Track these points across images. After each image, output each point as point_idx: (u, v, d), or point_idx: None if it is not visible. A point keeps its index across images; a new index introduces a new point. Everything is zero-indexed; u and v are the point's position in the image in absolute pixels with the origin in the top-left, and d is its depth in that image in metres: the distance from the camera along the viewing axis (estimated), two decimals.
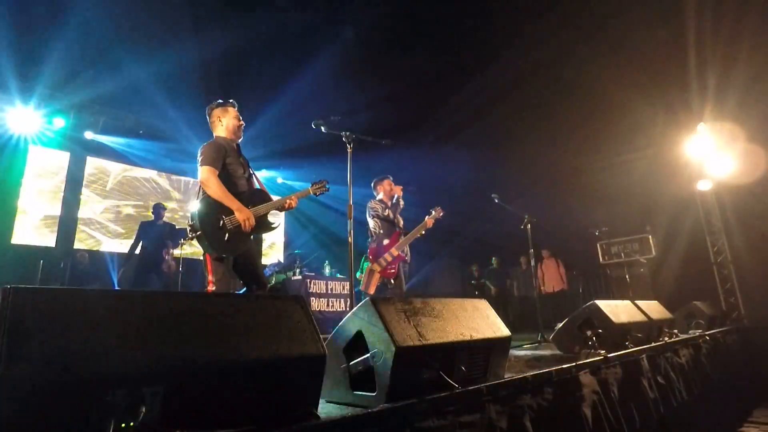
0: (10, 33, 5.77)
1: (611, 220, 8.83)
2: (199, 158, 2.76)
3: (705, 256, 7.28)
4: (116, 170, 8.84)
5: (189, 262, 7.88)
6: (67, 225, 7.93)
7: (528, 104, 8.17)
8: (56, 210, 7.89)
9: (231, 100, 3.00)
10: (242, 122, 2.99)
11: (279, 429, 1.12)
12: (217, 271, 2.73)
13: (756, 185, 6.58)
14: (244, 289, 2.92)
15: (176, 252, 6.55)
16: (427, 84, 8.04)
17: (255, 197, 2.88)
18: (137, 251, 6.46)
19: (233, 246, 2.71)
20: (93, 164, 8.53)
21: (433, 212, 4.53)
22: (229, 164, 2.83)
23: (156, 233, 6.49)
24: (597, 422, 2.18)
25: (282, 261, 8.53)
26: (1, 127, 7.30)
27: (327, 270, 7.32)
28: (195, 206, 2.74)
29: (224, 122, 2.93)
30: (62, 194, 7.99)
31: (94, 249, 8.10)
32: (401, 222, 4.53)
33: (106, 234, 8.42)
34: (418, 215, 4.57)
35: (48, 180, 7.91)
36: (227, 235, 2.67)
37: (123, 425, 0.93)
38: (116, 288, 6.88)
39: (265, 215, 2.87)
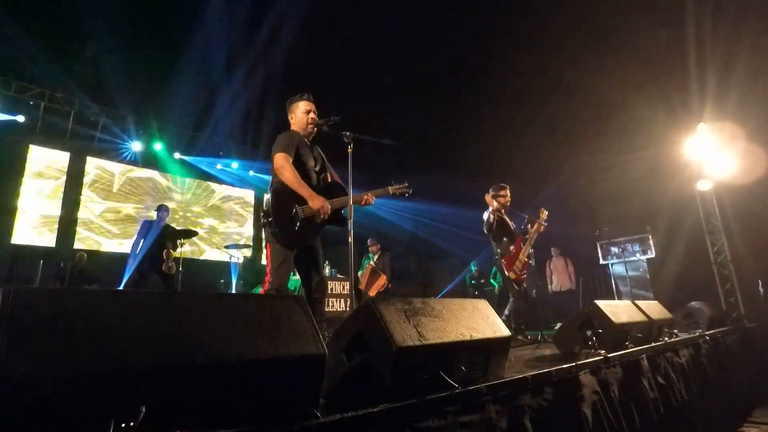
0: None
1: (611, 220, 8.82)
2: (274, 147, 2.73)
3: (705, 256, 7.28)
4: (116, 170, 8.84)
5: (189, 262, 7.88)
6: (67, 225, 7.93)
7: (528, 105, 8.17)
8: (56, 210, 7.90)
9: (305, 94, 2.95)
10: (312, 115, 2.89)
11: (279, 429, 1.12)
12: (276, 260, 2.63)
13: (756, 185, 6.58)
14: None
15: (176, 253, 6.55)
16: (427, 84, 8.05)
17: (329, 190, 2.82)
18: (138, 251, 6.46)
19: (302, 236, 2.65)
20: (93, 164, 8.53)
21: (541, 216, 4.82)
22: (302, 155, 2.78)
23: (159, 233, 6.49)
24: (597, 422, 2.18)
25: None
26: (1, 126, 7.30)
27: (327, 270, 7.32)
28: (269, 193, 2.71)
29: (295, 116, 2.93)
30: (62, 194, 8.00)
31: (94, 249, 8.11)
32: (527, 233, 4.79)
33: (106, 234, 8.42)
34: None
35: (48, 180, 7.91)
36: (298, 224, 2.61)
37: (123, 425, 0.93)
38: (121, 288, 6.88)
39: (339, 209, 2.80)
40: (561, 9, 6.50)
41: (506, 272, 4.66)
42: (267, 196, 2.73)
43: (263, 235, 2.76)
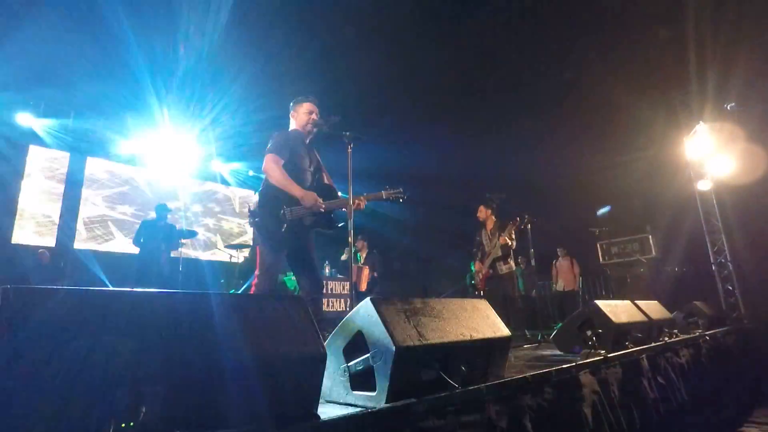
0: None
1: (611, 220, 8.83)
2: (267, 147, 2.76)
3: (705, 256, 7.28)
4: (117, 170, 8.85)
5: (189, 262, 7.88)
6: (67, 225, 7.93)
7: (528, 105, 8.17)
8: (56, 210, 7.90)
9: (310, 96, 3.02)
10: (314, 116, 2.94)
11: (279, 429, 1.12)
12: (264, 262, 2.64)
13: (756, 185, 6.57)
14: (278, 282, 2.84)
15: (176, 253, 6.55)
16: (427, 83, 8.04)
17: (320, 192, 2.82)
18: (138, 251, 6.46)
19: (289, 238, 2.65)
20: (93, 164, 8.53)
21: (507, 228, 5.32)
22: (297, 155, 2.81)
23: (157, 233, 6.49)
24: (597, 422, 2.18)
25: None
26: (1, 126, 7.30)
27: (327, 270, 7.32)
28: (258, 194, 2.75)
29: (297, 116, 2.98)
30: (62, 194, 8.00)
31: (94, 249, 8.11)
32: (491, 246, 5.33)
33: (106, 234, 8.42)
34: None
35: (48, 180, 7.91)
36: (285, 225, 2.62)
37: (123, 425, 0.93)
38: (109, 287, 6.86)
39: (329, 212, 2.82)
40: (560, 9, 6.50)
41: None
42: (256, 197, 2.76)
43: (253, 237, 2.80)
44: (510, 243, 5.17)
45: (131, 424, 0.93)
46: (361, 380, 1.55)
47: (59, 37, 5.89)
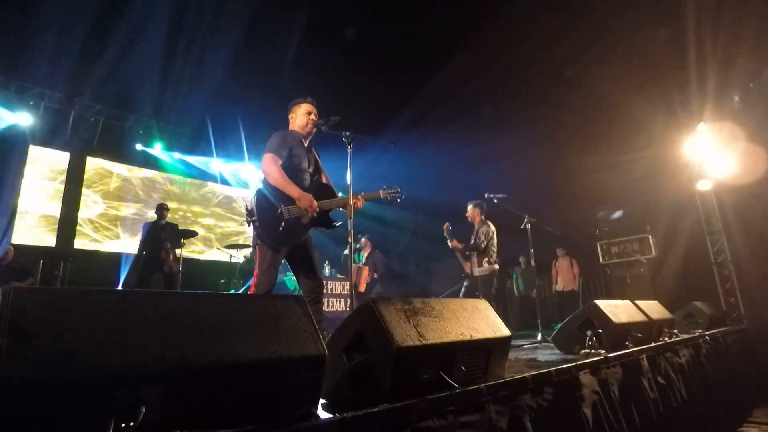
0: None
1: (611, 220, 8.83)
2: (266, 147, 2.77)
3: (705, 256, 7.27)
4: (116, 170, 8.85)
5: (189, 262, 7.88)
6: (67, 225, 7.93)
7: (528, 104, 8.17)
8: (56, 210, 7.90)
9: (308, 96, 3.02)
10: (312, 116, 2.94)
11: (279, 429, 1.12)
12: (263, 262, 2.65)
13: (756, 185, 6.57)
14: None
15: (177, 252, 6.54)
16: (426, 82, 8.05)
17: (318, 191, 2.83)
18: (143, 253, 6.45)
19: (287, 236, 2.66)
20: (93, 164, 8.53)
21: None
22: (295, 156, 2.81)
23: (159, 233, 6.49)
24: (597, 422, 2.18)
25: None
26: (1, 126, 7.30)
27: (327, 270, 7.31)
28: (255, 193, 2.74)
29: (295, 117, 2.97)
30: (62, 194, 7.99)
31: (94, 249, 8.11)
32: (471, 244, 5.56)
33: (106, 234, 8.42)
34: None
35: (48, 180, 7.91)
36: (283, 224, 2.62)
37: (123, 425, 0.93)
38: (119, 288, 6.84)
39: (327, 211, 2.82)
40: (560, 7, 6.50)
41: None
42: (252, 196, 2.76)
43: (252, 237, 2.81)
44: (477, 241, 5.26)
45: (131, 424, 0.93)
46: (361, 380, 1.55)
47: None
